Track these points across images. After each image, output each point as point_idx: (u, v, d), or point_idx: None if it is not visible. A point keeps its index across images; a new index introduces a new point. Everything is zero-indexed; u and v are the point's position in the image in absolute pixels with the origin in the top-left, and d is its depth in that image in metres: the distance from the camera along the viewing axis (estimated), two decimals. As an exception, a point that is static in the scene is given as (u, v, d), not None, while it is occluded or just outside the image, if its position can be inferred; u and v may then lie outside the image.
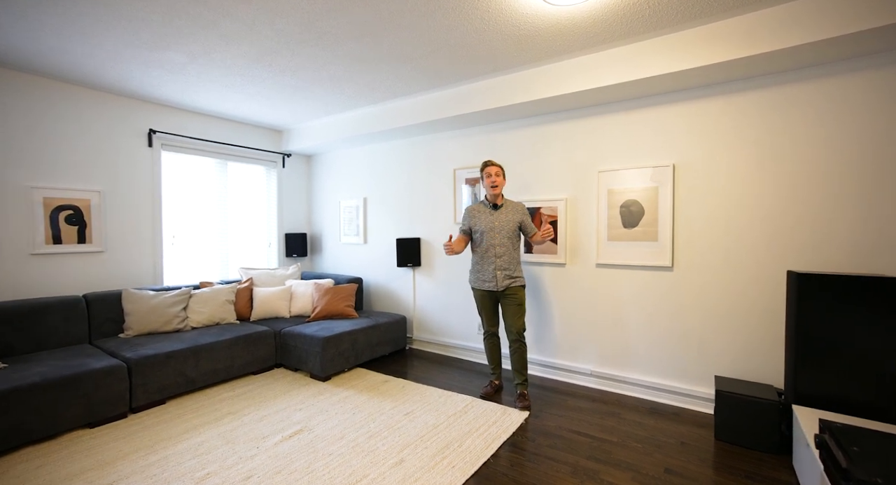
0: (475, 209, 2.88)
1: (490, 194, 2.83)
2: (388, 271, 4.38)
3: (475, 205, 2.91)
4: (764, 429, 2.18)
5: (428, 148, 4.02)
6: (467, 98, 3.28)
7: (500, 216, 2.81)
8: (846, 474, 1.24)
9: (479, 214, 2.85)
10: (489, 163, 2.81)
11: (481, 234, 2.80)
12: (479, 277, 2.84)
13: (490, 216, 2.81)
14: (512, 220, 2.81)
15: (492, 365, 3.00)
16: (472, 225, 2.85)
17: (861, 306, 1.98)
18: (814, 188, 2.33)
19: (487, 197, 2.87)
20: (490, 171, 2.79)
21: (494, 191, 2.79)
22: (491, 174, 2.78)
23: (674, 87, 2.67)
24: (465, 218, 2.91)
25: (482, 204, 2.89)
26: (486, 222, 2.80)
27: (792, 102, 2.39)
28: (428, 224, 4.06)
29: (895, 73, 2.13)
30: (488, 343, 2.98)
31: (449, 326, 3.93)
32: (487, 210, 2.84)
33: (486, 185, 2.82)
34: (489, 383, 3.01)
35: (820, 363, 2.06)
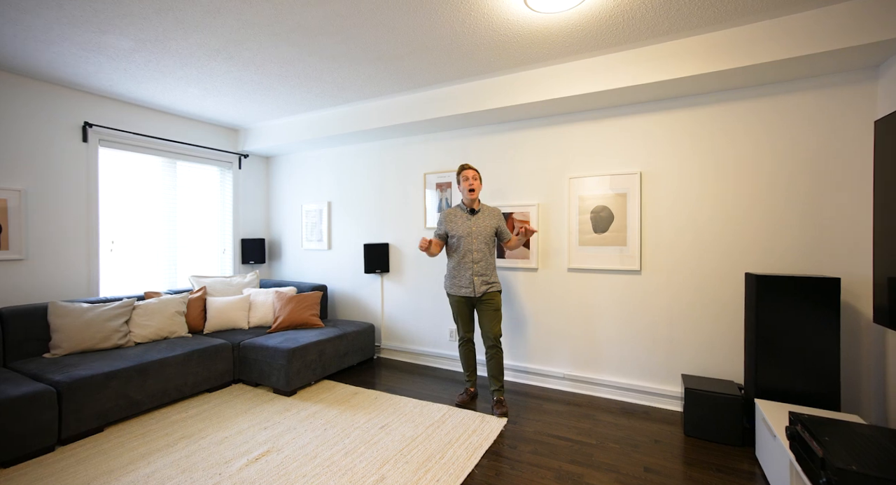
0: (452, 214, 2.82)
1: (467, 199, 2.78)
2: (354, 278, 4.22)
3: (451, 209, 2.85)
4: (728, 423, 2.31)
5: (398, 151, 3.94)
6: (441, 102, 3.25)
7: (478, 222, 2.77)
8: (823, 463, 1.32)
9: (456, 219, 2.80)
10: (466, 166, 2.78)
11: (458, 239, 2.75)
12: (456, 283, 2.78)
13: (468, 221, 2.77)
14: (489, 225, 2.79)
15: (467, 372, 2.95)
16: (449, 230, 2.79)
17: (807, 304, 2.16)
18: (764, 196, 2.53)
19: (464, 201, 2.82)
20: (467, 174, 2.75)
21: (472, 195, 2.75)
22: (468, 178, 2.74)
23: (641, 98, 2.79)
24: (440, 222, 2.84)
25: (459, 208, 2.83)
26: (463, 227, 2.76)
27: (744, 117, 2.58)
28: (397, 229, 3.96)
29: (831, 94, 2.36)
30: (464, 350, 2.93)
31: (419, 333, 3.84)
32: (464, 215, 2.80)
33: (462, 189, 2.77)
34: (464, 390, 2.96)
35: (775, 358, 2.21)
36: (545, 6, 2.02)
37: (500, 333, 2.77)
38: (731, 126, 2.62)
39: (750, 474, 2.04)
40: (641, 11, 2.13)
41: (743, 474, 2.04)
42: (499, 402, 2.72)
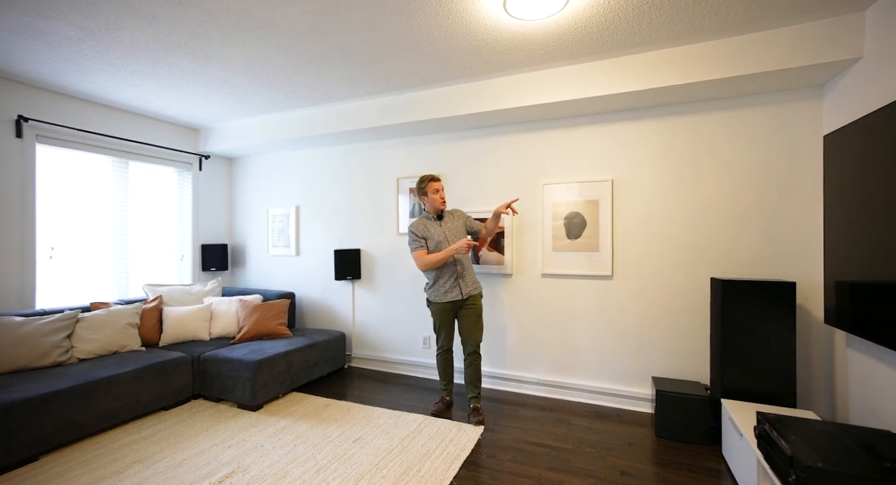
0: (422, 224, 2.79)
1: (435, 208, 2.77)
2: (324, 285, 4.07)
3: (419, 220, 2.82)
4: (697, 423, 2.39)
5: (370, 155, 3.85)
6: (416, 106, 3.21)
7: (448, 225, 2.79)
8: (792, 461, 1.38)
9: (429, 228, 2.77)
10: (435, 178, 2.78)
11: (437, 245, 2.73)
12: (441, 290, 2.73)
13: (439, 228, 2.77)
14: (459, 226, 2.82)
15: (444, 381, 2.90)
16: (428, 237, 2.76)
17: (767, 307, 2.28)
18: (727, 204, 2.66)
19: (428, 210, 2.81)
20: (438, 186, 2.76)
21: (444, 206, 2.78)
22: (439, 190, 2.76)
23: (613, 107, 2.87)
24: (416, 235, 2.76)
25: (425, 218, 2.82)
26: (438, 234, 2.75)
27: (708, 128, 2.70)
28: (369, 235, 3.87)
29: (784, 109, 2.53)
30: (443, 359, 2.88)
31: (392, 341, 3.76)
32: (433, 223, 2.80)
33: (433, 199, 2.75)
34: (440, 399, 2.91)
35: (739, 359, 2.32)
36: (525, 13, 2.03)
37: (481, 339, 2.77)
38: (696, 137, 2.74)
39: (718, 471, 2.12)
40: (615, 23, 2.19)
41: (711, 472, 2.11)
42: (475, 410, 2.69)
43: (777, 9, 2.06)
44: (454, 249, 2.61)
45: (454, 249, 2.61)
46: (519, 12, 2.02)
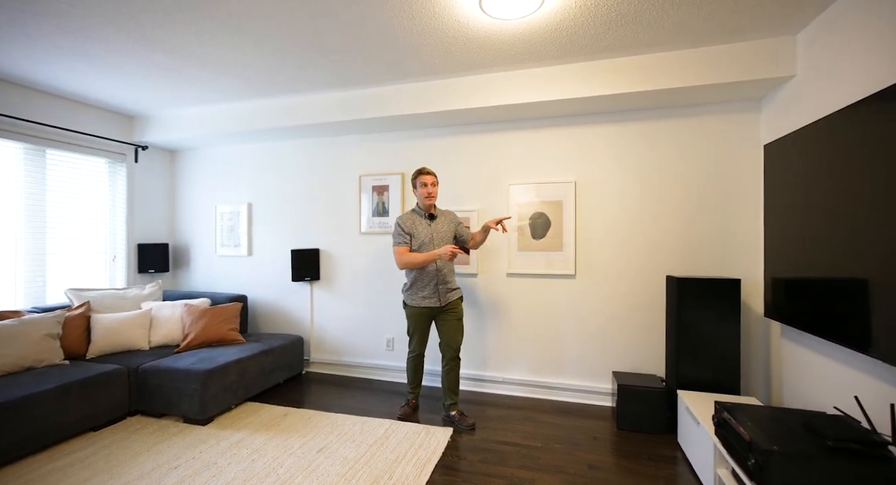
0: (410, 219, 2.63)
1: (424, 205, 2.64)
2: (280, 287, 3.84)
3: (407, 215, 2.66)
4: (654, 414, 2.52)
5: (330, 151, 3.69)
6: (381, 101, 3.11)
7: (438, 227, 2.64)
8: (751, 446, 1.48)
9: (417, 225, 2.62)
10: (425, 171, 2.62)
11: (421, 245, 2.59)
12: (419, 295, 2.61)
13: (428, 228, 2.62)
14: (449, 230, 2.68)
15: (412, 385, 2.83)
16: (413, 235, 2.60)
17: (716, 303, 2.45)
18: (680, 205, 2.83)
19: (420, 207, 2.68)
20: (426, 180, 2.60)
21: (429, 201, 2.62)
22: (427, 184, 2.59)
23: (576, 110, 2.96)
24: (402, 230, 2.61)
25: (415, 214, 2.67)
26: (424, 234, 2.60)
27: (664, 134, 2.87)
28: (329, 234, 3.70)
29: (731, 118, 2.74)
30: (414, 364, 2.78)
31: (353, 344, 3.63)
32: (423, 221, 2.64)
33: (420, 194, 2.63)
34: (406, 402, 2.84)
35: (691, 352, 2.48)
36: (500, 12, 2.03)
37: (461, 343, 2.71)
38: (651, 142, 2.89)
39: (675, 458, 2.24)
40: (584, 29, 2.25)
41: (669, 459, 2.24)
42: (462, 415, 2.66)
43: (724, 27, 2.22)
44: (437, 254, 2.47)
45: (437, 255, 2.47)
46: (495, 10, 2.01)
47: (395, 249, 2.60)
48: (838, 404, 1.91)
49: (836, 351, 1.95)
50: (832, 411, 1.91)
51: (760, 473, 1.41)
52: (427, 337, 2.74)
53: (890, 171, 1.53)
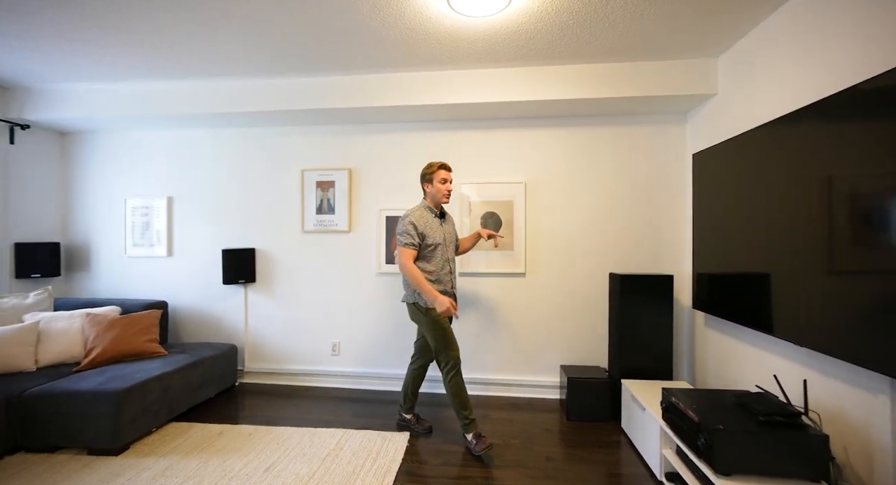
0: (424, 218, 2.34)
1: (438, 202, 2.41)
2: (208, 291, 3.45)
3: (419, 211, 2.35)
4: (600, 403, 2.68)
5: (270, 142, 3.40)
6: (328, 92, 2.93)
7: (448, 228, 2.47)
8: (699, 427, 1.62)
9: (431, 224, 2.36)
10: (446, 166, 2.40)
11: (435, 247, 2.34)
12: (445, 293, 2.37)
13: (440, 228, 2.39)
14: (454, 231, 2.55)
15: (468, 409, 2.29)
16: (426, 236, 2.32)
17: (653, 297, 2.68)
18: (621, 207, 3.05)
19: (433, 204, 2.42)
20: (447, 176, 2.37)
21: (446, 200, 2.41)
22: (447, 180, 2.37)
23: (527, 113, 3.05)
24: (414, 229, 2.29)
25: (427, 212, 2.39)
26: (438, 235, 2.36)
27: (606, 139, 3.06)
28: (267, 232, 3.41)
29: (664, 128, 3.00)
30: (461, 378, 2.30)
31: (295, 350, 3.38)
32: (436, 219, 2.40)
33: (437, 189, 2.36)
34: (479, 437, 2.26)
35: (632, 343, 2.68)
36: (468, 9, 2.00)
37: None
38: (596, 146, 3.08)
39: (621, 443, 2.40)
40: (542, 33, 2.31)
41: (616, 444, 2.39)
42: (421, 419, 2.62)
43: (659, 45, 2.43)
44: (436, 303, 2.18)
45: (434, 303, 2.19)
46: (463, 7, 1.98)
47: (402, 250, 2.29)
48: (757, 382, 2.19)
49: (750, 336, 2.23)
50: (754, 389, 2.17)
51: (710, 450, 1.55)
52: (455, 338, 2.37)
53: (787, 183, 1.78)
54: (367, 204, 3.31)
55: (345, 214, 3.32)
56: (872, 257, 1.43)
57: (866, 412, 1.56)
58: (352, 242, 3.33)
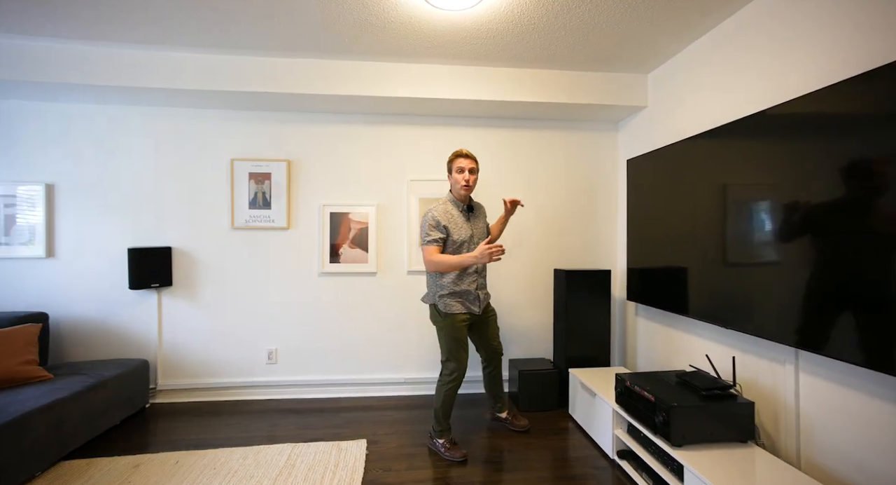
0: (448, 213, 2.18)
1: (459, 193, 2.23)
2: (107, 298, 2.90)
3: (443, 206, 2.20)
4: (549, 393, 2.82)
5: (191, 126, 2.97)
6: (267, 74, 2.65)
7: (477, 223, 2.30)
8: (655, 406, 1.79)
9: (456, 220, 2.19)
10: (462, 153, 2.19)
11: (460, 245, 2.18)
12: (460, 301, 2.20)
13: (467, 223, 2.23)
14: (485, 225, 2.38)
15: (447, 419, 2.26)
16: (450, 233, 2.15)
17: (593, 291, 2.90)
18: (564, 206, 3.24)
19: (455, 196, 2.25)
20: (462, 164, 2.17)
21: (466, 191, 2.20)
22: (463, 169, 2.16)
23: (477, 112, 3.09)
24: (438, 223, 2.13)
25: (452, 205, 2.23)
26: (465, 230, 2.20)
27: (551, 141, 3.23)
28: (188, 229, 2.98)
29: (601, 134, 3.26)
30: (455, 389, 2.23)
31: (224, 361, 3.00)
32: (462, 214, 2.23)
33: (455, 181, 2.20)
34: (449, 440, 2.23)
35: (576, 334, 2.87)
36: (442, 1, 1.95)
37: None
38: (540, 148, 3.23)
39: (570, 428, 2.55)
40: (503, 34, 2.35)
41: (566, 430, 2.54)
42: (514, 415, 2.56)
43: (600, 57, 2.64)
44: (474, 258, 2.03)
45: (474, 259, 2.04)
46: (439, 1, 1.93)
47: (424, 249, 2.15)
48: (681, 363, 2.48)
49: (674, 321, 2.53)
50: (682, 369, 2.46)
51: (666, 426, 1.71)
52: (468, 350, 2.28)
53: (697, 190, 2.10)
54: (309, 199, 3.07)
55: (283, 210, 3.04)
56: (752, 252, 1.80)
57: (774, 379, 1.86)
58: (291, 240, 3.06)
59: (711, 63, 2.28)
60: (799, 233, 1.60)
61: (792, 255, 1.64)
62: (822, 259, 1.52)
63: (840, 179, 1.46)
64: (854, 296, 1.41)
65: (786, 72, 1.84)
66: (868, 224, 1.38)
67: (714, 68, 2.27)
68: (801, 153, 1.61)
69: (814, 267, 1.55)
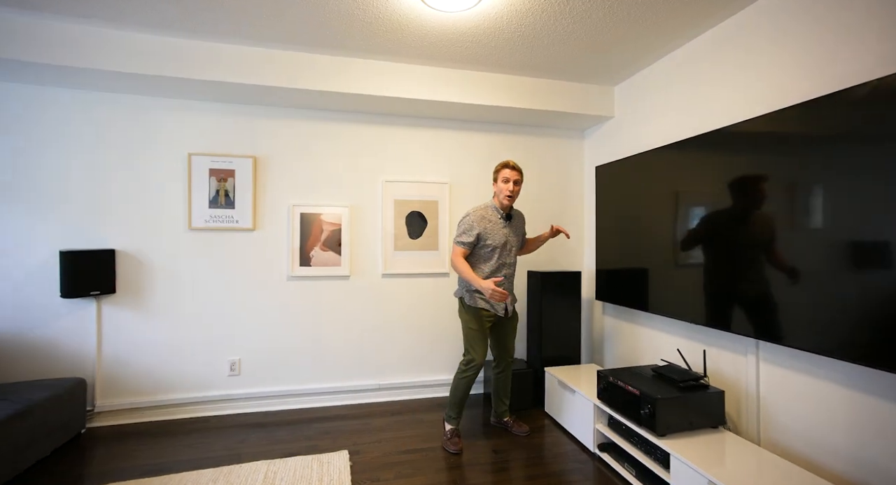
0: (485, 218, 2.30)
1: (503, 204, 2.34)
2: (33, 308, 2.52)
3: (482, 210, 2.32)
4: (524, 392, 2.88)
5: (140, 114, 2.68)
6: (233, 62, 2.47)
7: (515, 229, 2.41)
8: (640, 399, 1.89)
9: (493, 225, 2.31)
10: (510, 164, 2.31)
11: (493, 249, 2.30)
12: (488, 299, 2.28)
13: (504, 229, 2.34)
14: (521, 233, 2.50)
15: (458, 408, 2.37)
16: (485, 237, 2.27)
17: (564, 292, 3.01)
18: (535, 209, 3.33)
19: (498, 205, 2.36)
20: (508, 175, 2.28)
21: (509, 202, 2.32)
22: (509, 180, 2.28)
23: (455, 115, 3.09)
24: (472, 227, 2.27)
25: (492, 210, 2.34)
26: (500, 236, 2.32)
27: (523, 146, 3.32)
28: (135, 229, 2.68)
29: (570, 141, 3.41)
30: (470, 380, 2.33)
31: (176, 375, 2.72)
32: (500, 220, 2.34)
33: (501, 190, 2.31)
34: (452, 432, 2.35)
35: (550, 335, 2.96)
36: (440, 3, 1.93)
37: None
38: (514, 153, 3.31)
39: (549, 425, 2.63)
40: (488, 39, 2.38)
41: (545, 427, 2.60)
42: (517, 421, 2.57)
43: (573, 69, 2.77)
44: (481, 286, 2.15)
45: (480, 286, 2.16)
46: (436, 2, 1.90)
47: (454, 247, 2.32)
48: (647, 358, 2.65)
49: (639, 318, 2.71)
50: (649, 364, 2.63)
51: (652, 417, 1.82)
52: (486, 346, 2.38)
53: (656, 198, 2.30)
54: (278, 199, 2.89)
55: (248, 210, 2.83)
56: (695, 254, 2.07)
57: (737, 369, 2.05)
58: (257, 242, 2.86)
59: (672, 82, 2.49)
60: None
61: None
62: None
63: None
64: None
65: (733, 97, 2.07)
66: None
67: (672, 88, 2.47)
68: (733, 166, 1.85)
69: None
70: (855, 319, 1.46)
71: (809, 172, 1.60)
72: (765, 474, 1.56)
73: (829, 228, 1.54)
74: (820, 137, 1.57)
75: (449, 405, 2.39)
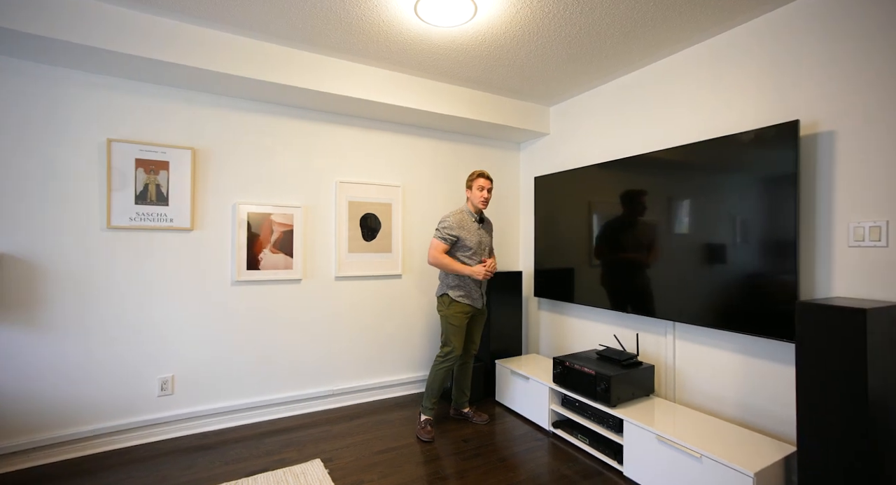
0: (464, 220, 2.56)
1: (477, 207, 2.60)
2: None
3: (460, 213, 2.57)
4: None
5: (50, 89, 2.20)
6: (169, 38, 2.20)
7: (485, 232, 2.68)
8: (597, 378, 2.22)
9: (469, 227, 2.56)
10: (485, 175, 2.58)
11: (471, 250, 2.54)
12: (469, 295, 2.56)
13: (479, 231, 2.61)
14: (491, 239, 2.72)
15: (434, 398, 2.58)
16: (463, 239, 2.52)
17: (509, 290, 3.31)
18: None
19: (472, 208, 2.61)
20: (484, 184, 2.56)
21: (483, 205, 2.60)
22: (483, 188, 2.56)
23: (408, 120, 3.17)
24: (452, 227, 2.51)
25: (468, 214, 2.59)
26: (476, 238, 2.57)
27: (468, 155, 3.54)
28: (29, 227, 2.19)
29: (511, 153, 3.73)
30: (447, 370, 2.56)
31: (89, 402, 2.30)
32: (475, 223, 2.59)
33: (475, 196, 2.57)
34: (425, 422, 2.53)
35: (497, 330, 3.22)
36: (433, 18, 2.00)
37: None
38: (460, 159, 3.51)
39: (502, 412, 2.87)
40: (462, 55, 2.53)
41: (500, 414, 2.84)
42: (477, 410, 2.79)
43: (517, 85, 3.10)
44: (471, 271, 2.48)
45: (470, 272, 2.48)
46: (428, 16, 1.97)
47: (433, 242, 2.52)
48: (579, 346, 3.08)
49: (570, 311, 3.13)
50: (583, 350, 3.05)
51: (607, 392, 2.16)
52: (464, 337, 2.60)
53: (579, 207, 2.74)
54: (222, 196, 2.63)
55: (186, 207, 2.52)
56: (605, 256, 2.62)
57: (657, 347, 2.54)
58: (196, 244, 2.56)
59: (597, 110, 2.96)
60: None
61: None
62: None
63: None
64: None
65: (647, 132, 2.58)
66: (725, 234, 2.08)
67: (598, 116, 2.94)
68: (630, 183, 2.39)
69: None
70: (717, 299, 1.99)
71: (683, 190, 2.16)
72: (689, 424, 2.01)
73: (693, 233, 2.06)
74: (693, 165, 2.13)
75: (426, 396, 2.57)
